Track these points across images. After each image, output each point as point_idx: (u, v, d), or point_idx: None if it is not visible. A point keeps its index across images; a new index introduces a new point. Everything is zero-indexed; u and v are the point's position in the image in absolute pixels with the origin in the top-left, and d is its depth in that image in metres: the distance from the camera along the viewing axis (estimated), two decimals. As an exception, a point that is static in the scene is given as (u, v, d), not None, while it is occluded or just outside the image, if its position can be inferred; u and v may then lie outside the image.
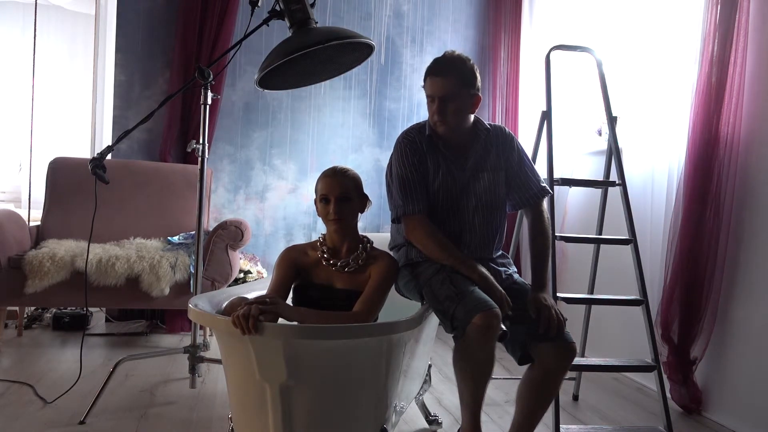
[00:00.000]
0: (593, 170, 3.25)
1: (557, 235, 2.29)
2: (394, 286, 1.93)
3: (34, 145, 3.82)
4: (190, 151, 2.30)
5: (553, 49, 2.51)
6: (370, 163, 4.14)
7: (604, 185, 2.53)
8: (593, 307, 2.67)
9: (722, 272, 2.40)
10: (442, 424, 2.25)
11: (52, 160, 3.52)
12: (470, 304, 1.63)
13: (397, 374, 1.67)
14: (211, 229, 3.30)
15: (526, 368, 1.82)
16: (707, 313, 2.42)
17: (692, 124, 2.46)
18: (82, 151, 4.22)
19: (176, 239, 3.34)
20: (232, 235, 3.11)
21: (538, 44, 3.88)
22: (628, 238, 2.35)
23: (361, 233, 1.86)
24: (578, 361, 2.24)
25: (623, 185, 2.38)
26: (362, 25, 4.11)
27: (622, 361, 2.33)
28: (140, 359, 2.88)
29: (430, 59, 1.96)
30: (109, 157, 2.60)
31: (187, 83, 2.54)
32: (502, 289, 1.76)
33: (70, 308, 3.51)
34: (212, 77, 2.27)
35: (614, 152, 2.43)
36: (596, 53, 2.48)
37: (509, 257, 2.07)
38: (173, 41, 3.73)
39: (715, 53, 2.38)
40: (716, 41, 2.38)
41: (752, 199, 2.34)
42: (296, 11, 1.95)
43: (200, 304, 1.66)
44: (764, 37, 2.32)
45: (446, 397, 2.56)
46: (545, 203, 2.02)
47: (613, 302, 2.44)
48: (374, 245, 1.85)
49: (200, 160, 2.32)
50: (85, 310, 3.46)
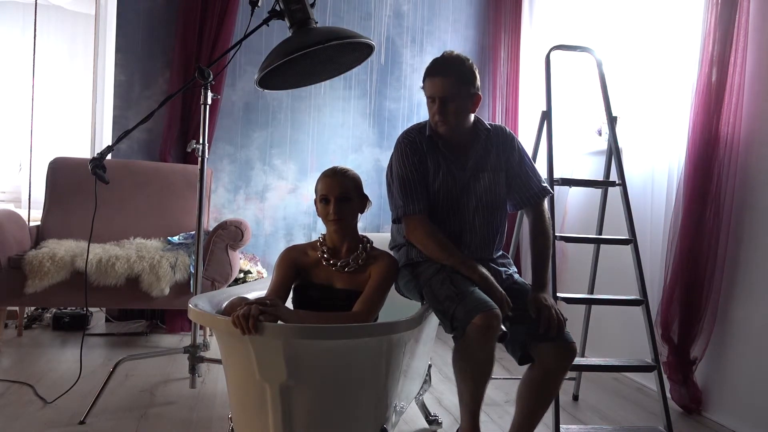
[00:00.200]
0: (593, 170, 3.25)
1: (557, 235, 2.29)
2: (394, 286, 1.93)
3: (34, 145, 3.82)
4: (190, 151, 2.30)
5: (553, 49, 2.51)
6: (370, 163, 4.14)
7: (604, 185, 2.53)
8: (593, 307, 2.67)
9: (722, 272, 2.40)
10: (442, 424, 2.25)
11: (52, 160, 3.53)
12: (470, 304, 1.63)
13: (397, 374, 1.67)
14: (211, 229, 3.30)
15: (526, 368, 1.82)
16: (707, 313, 2.42)
17: (692, 124, 2.46)
18: (82, 151, 4.22)
19: (176, 239, 3.34)
20: (232, 235, 3.11)
21: (538, 44, 3.88)
22: (628, 238, 2.35)
23: (361, 233, 1.86)
24: (578, 361, 2.24)
25: (623, 185, 2.39)
26: (362, 25, 4.11)
27: (622, 361, 2.33)
28: (140, 359, 2.88)
29: (430, 59, 1.96)
30: (109, 157, 2.60)
31: (187, 83, 2.54)
32: (502, 289, 1.76)
33: (70, 308, 3.51)
34: (212, 77, 2.27)
35: (614, 152, 2.44)
36: (596, 53, 2.48)
37: (509, 257, 2.07)
38: (173, 41, 3.73)
39: (715, 53, 2.38)
40: (716, 41, 2.38)
41: (752, 199, 2.34)
42: (296, 11, 1.95)
43: (200, 304, 1.66)
44: (764, 37, 2.32)
45: (446, 397, 2.56)
46: (546, 203, 2.02)
47: (613, 302, 2.44)
48: (374, 245, 1.85)
49: (200, 160, 2.32)
50: (85, 310, 3.46)
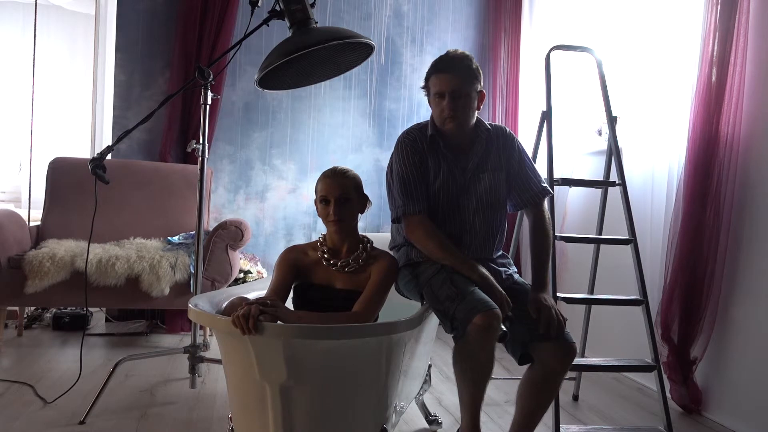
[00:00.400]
0: (593, 170, 3.25)
1: (557, 235, 2.29)
2: (394, 286, 1.93)
3: (34, 145, 3.82)
4: (190, 151, 2.31)
5: (553, 49, 2.51)
6: (370, 163, 4.14)
7: (604, 185, 2.53)
8: (593, 307, 2.67)
9: (722, 272, 2.40)
10: (442, 424, 2.25)
11: (52, 160, 3.52)
12: (470, 304, 1.63)
13: (397, 374, 1.67)
14: (211, 229, 3.30)
15: (526, 368, 1.82)
16: (707, 313, 2.42)
17: (692, 124, 2.46)
18: (82, 151, 4.22)
19: (176, 239, 3.34)
20: (232, 235, 3.11)
21: (538, 44, 3.88)
22: (628, 238, 2.35)
23: (361, 233, 1.86)
24: (578, 361, 2.24)
25: (623, 185, 2.39)
26: (362, 25, 4.11)
27: (622, 361, 2.33)
28: (140, 359, 2.87)
29: (430, 59, 1.96)
30: (109, 157, 2.60)
31: (187, 83, 2.54)
32: (502, 289, 1.76)
33: (70, 308, 3.51)
34: (212, 77, 2.27)
35: (614, 152, 2.43)
36: (596, 53, 2.48)
37: (509, 257, 2.07)
38: (173, 41, 3.73)
39: (715, 53, 2.38)
40: (716, 41, 2.38)
41: (752, 199, 2.34)
42: (296, 11, 1.95)
43: (200, 304, 1.66)
44: (764, 37, 2.32)
45: (446, 397, 2.56)
46: (546, 203, 2.02)
47: (613, 302, 2.44)
48: (374, 245, 1.85)
49: (200, 160, 2.32)
50: (85, 310, 3.46)
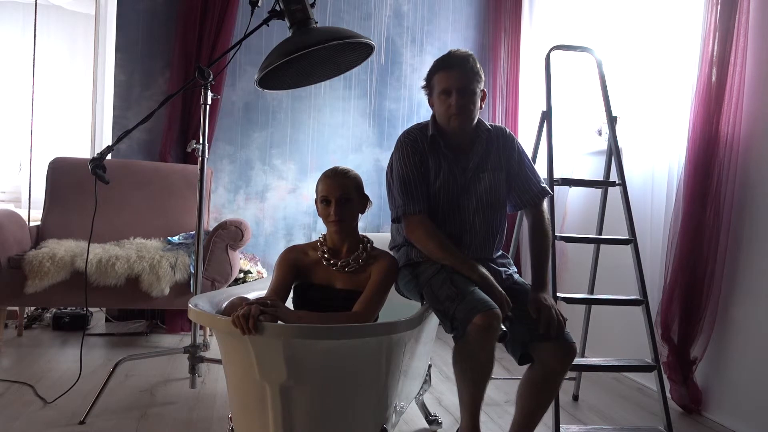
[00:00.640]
0: (593, 170, 3.25)
1: (557, 235, 2.29)
2: (394, 286, 1.93)
3: (34, 145, 3.82)
4: (190, 151, 2.31)
5: (553, 49, 2.51)
6: (370, 163, 4.14)
7: (604, 185, 2.53)
8: (593, 307, 2.67)
9: (722, 272, 2.40)
10: (442, 424, 2.25)
11: (52, 160, 3.52)
12: (470, 304, 1.63)
13: (397, 374, 1.67)
14: (211, 229, 3.30)
15: (526, 368, 1.82)
16: (707, 313, 2.42)
17: (692, 124, 2.46)
18: (82, 151, 4.22)
19: (176, 239, 3.34)
20: (232, 235, 3.11)
21: (538, 44, 3.88)
22: (628, 238, 2.35)
23: (361, 233, 1.86)
24: (578, 361, 2.24)
25: (623, 185, 2.38)
26: (362, 25, 4.11)
27: (622, 361, 2.33)
28: (140, 359, 2.87)
29: (430, 59, 1.97)
30: (109, 157, 2.60)
31: (187, 83, 2.54)
32: (502, 289, 1.76)
33: (70, 308, 3.51)
34: (212, 77, 2.27)
35: (614, 152, 2.43)
36: (596, 53, 2.48)
37: (509, 257, 2.08)
38: (173, 41, 3.73)
39: (715, 53, 2.38)
40: (716, 41, 2.38)
41: (752, 199, 2.34)
42: (296, 11, 1.95)
43: (200, 304, 1.66)
44: (764, 37, 2.32)
45: (446, 397, 2.56)
46: (545, 204, 2.02)
47: (613, 302, 2.44)
48: (374, 245, 1.85)
49: (200, 160, 2.32)
50: (85, 310, 3.46)
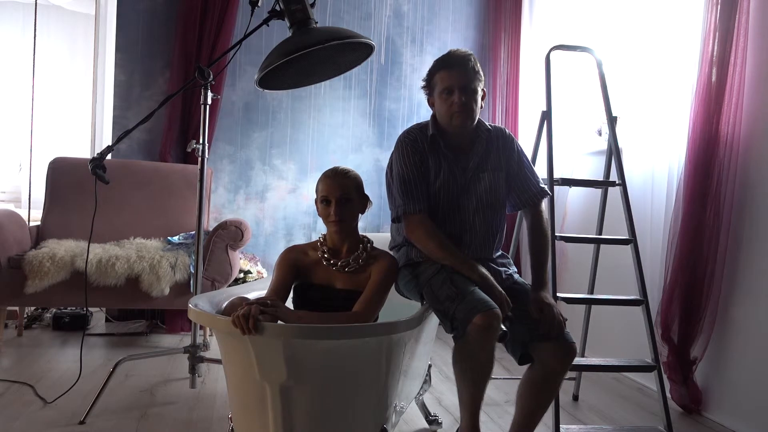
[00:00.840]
0: (593, 170, 3.25)
1: (557, 235, 2.29)
2: (394, 286, 1.93)
3: (34, 145, 3.82)
4: (190, 151, 2.31)
5: (553, 49, 2.51)
6: (370, 163, 4.14)
7: (604, 185, 2.53)
8: (593, 307, 2.67)
9: (722, 272, 2.40)
10: (442, 424, 2.25)
11: (52, 160, 3.52)
12: (470, 304, 1.64)
13: (397, 374, 1.67)
14: (211, 229, 3.30)
15: (526, 368, 1.82)
16: (707, 313, 2.42)
17: (692, 124, 2.45)
18: (82, 151, 4.22)
19: (176, 239, 3.34)
20: (232, 235, 3.11)
21: (538, 44, 3.88)
22: (628, 238, 2.35)
23: (361, 233, 1.86)
24: (578, 361, 2.24)
25: (623, 185, 2.38)
26: (362, 25, 4.11)
27: (622, 361, 2.33)
28: (140, 359, 2.87)
29: (430, 59, 1.97)
30: (109, 157, 2.59)
31: (187, 83, 2.54)
32: (502, 289, 1.76)
33: (70, 308, 3.51)
34: (212, 77, 2.27)
35: (614, 152, 2.43)
36: (596, 53, 2.48)
37: (509, 257, 2.08)
38: (173, 41, 3.73)
39: (715, 53, 2.38)
40: (716, 41, 2.38)
41: (752, 199, 2.34)
42: (296, 11, 1.95)
43: (200, 304, 1.66)
44: (764, 37, 2.32)
45: (446, 397, 2.56)
46: (544, 204, 2.03)
47: (613, 302, 2.44)
48: (374, 245, 1.85)
49: (200, 160, 2.32)
50: (85, 310, 3.46)
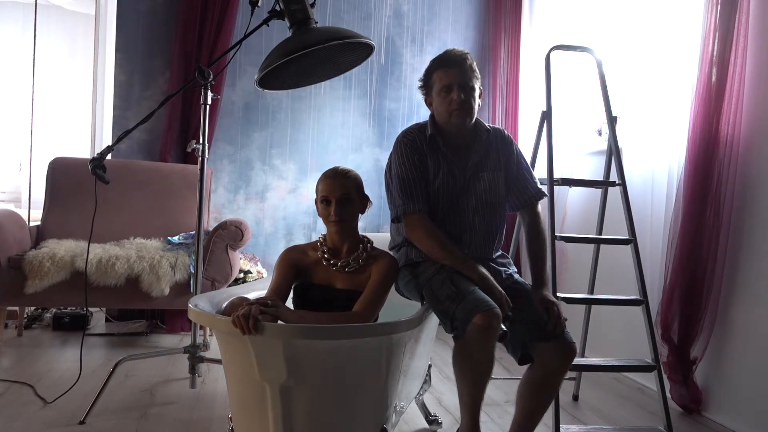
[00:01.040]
0: (593, 170, 3.25)
1: (557, 235, 2.29)
2: (394, 286, 1.93)
3: (34, 145, 3.82)
4: (190, 151, 2.31)
5: (553, 49, 2.51)
6: (370, 163, 4.14)
7: (604, 185, 2.53)
8: (593, 307, 2.67)
9: (722, 272, 2.40)
10: (442, 424, 2.25)
11: (52, 160, 3.52)
12: (470, 304, 1.64)
13: (397, 374, 1.67)
14: (211, 229, 3.30)
15: (526, 368, 1.82)
16: (707, 313, 2.42)
17: (692, 124, 2.45)
18: (82, 151, 4.22)
19: (176, 239, 3.34)
20: (232, 235, 3.11)
21: (538, 44, 3.88)
22: (628, 238, 2.35)
23: (361, 233, 1.86)
24: (578, 361, 2.24)
25: (623, 185, 2.38)
26: (362, 25, 4.11)
27: (622, 361, 2.33)
28: (140, 359, 2.88)
29: (430, 59, 1.97)
30: (109, 157, 2.60)
31: (187, 83, 2.54)
32: (501, 289, 1.76)
33: (70, 308, 3.51)
34: (212, 77, 2.27)
35: (614, 152, 2.43)
36: (596, 53, 2.47)
37: (509, 257, 2.08)
38: (173, 41, 3.73)
39: (715, 53, 2.38)
40: (716, 41, 2.38)
41: (752, 199, 2.34)
42: (296, 11, 1.95)
43: (200, 304, 1.66)
44: (764, 37, 2.32)
45: (446, 397, 2.56)
46: (540, 205, 2.05)
47: (613, 302, 2.44)
48: (374, 245, 1.85)
49: (200, 160, 2.32)
50: (85, 310, 3.46)
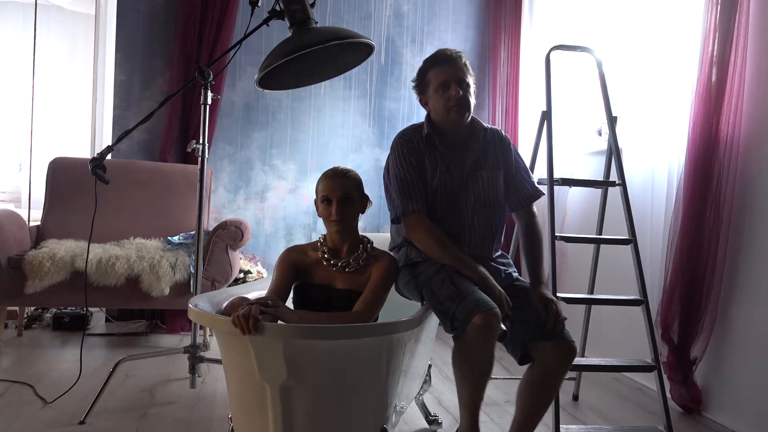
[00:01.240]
0: (593, 170, 3.25)
1: (557, 235, 2.29)
2: (394, 286, 1.93)
3: (34, 145, 3.82)
4: (190, 151, 2.31)
5: (553, 49, 2.51)
6: (370, 163, 4.14)
7: (604, 185, 2.53)
8: (593, 307, 2.67)
9: (722, 272, 2.40)
10: (442, 424, 2.25)
11: (52, 160, 3.52)
12: (470, 304, 1.64)
13: (397, 374, 1.67)
14: (211, 229, 3.30)
15: (526, 368, 1.82)
16: (707, 313, 2.42)
17: (692, 124, 2.46)
18: (82, 151, 4.22)
19: (176, 239, 3.34)
20: (232, 235, 3.11)
21: (538, 44, 3.88)
22: (628, 238, 2.35)
23: (361, 233, 1.86)
24: (578, 361, 2.24)
25: (623, 185, 2.38)
26: (362, 25, 4.11)
27: (622, 361, 2.33)
28: (140, 359, 2.88)
29: (427, 60, 1.98)
30: (109, 157, 2.60)
31: (187, 83, 2.54)
32: (501, 288, 1.77)
33: (70, 308, 3.51)
34: (212, 77, 2.27)
35: (614, 152, 2.43)
36: (596, 53, 2.47)
37: (509, 257, 2.08)
38: (173, 41, 3.73)
39: (715, 53, 2.38)
40: (716, 41, 2.38)
41: (752, 199, 2.34)
42: (296, 11, 1.95)
43: (200, 304, 1.66)
44: (764, 37, 2.32)
45: (446, 397, 2.56)
46: (535, 206, 2.07)
47: (613, 302, 2.44)
48: (374, 245, 1.85)
49: (200, 160, 2.32)
50: (85, 310, 3.46)
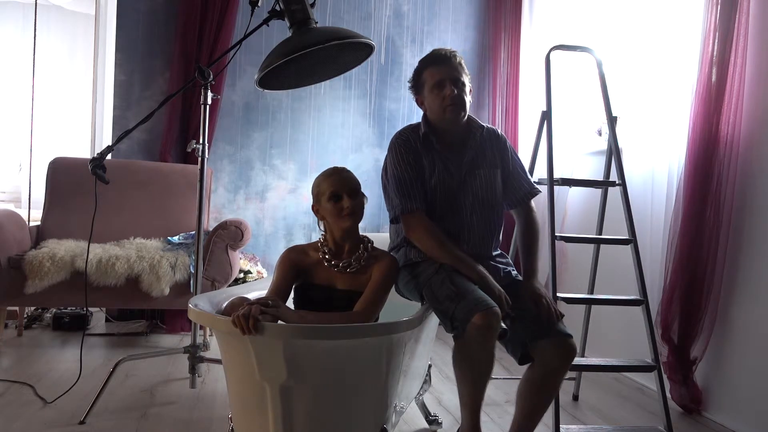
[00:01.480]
0: (593, 170, 3.25)
1: (557, 235, 2.29)
2: (393, 286, 1.93)
3: (34, 145, 3.82)
4: (190, 151, 2.31)
5: (553, 49, 2.51)
6: (370, 163, 4.14)
7: (604, 185, 2.53)
8: (593, 307, 2.67)
9: (722, 272, 2.40)
10: (442, 424, 2.25)
11: (52, 160, 3.52)
12: (470, 303, 1.64)
13: (397, 374, 1.67)
14: (211, 229, 3.30)
15: (526, 368, 1.82)
16: (707, 313, 2.42)
17: (692, 124, 2.46)
18: (82, 151, 4.22)
19: (176, 239, 3.34)
20: (232, 235, 3.11)
21: (538, 44, 3.88)
22: (628, 238, 2.35)
23: (361, 233, 1.86)
24: (578, 361, 2.24)
25: (623, 185, 2.38)
26: (362, 25, 4.11)
27: (622, 361, 2.33)
28: (140, 359, 2.88)
29: (426, 60, 1.98)
30: (109, 157, 2.60)
31: (187, 83, 2.54)
32: (500, 288, 1.77)
33: (70, 308, 3.51)
34: (212, 77, 2.27)
35: (614, 152, 2.43)
36: (596, 53, 2.48)
37: (508, 257, 2.08)
38: (173, 41, 3.73)
39: (715, 53, 2.38)
40: (716, 41, 2.38)
41: (752, 199, 2.34)
42: (296, 11, 1.95)
43: (200, 304, 1.66)
44: (764, 37, 2.32)
45: (446, 397, 2.56)
46: (533, 201, 2.07)
47: (613, 302, 2.44)
48: (374, 245, 1.85)
49: (200, 160, 2.32)
50: (85, 310, 3.46)
